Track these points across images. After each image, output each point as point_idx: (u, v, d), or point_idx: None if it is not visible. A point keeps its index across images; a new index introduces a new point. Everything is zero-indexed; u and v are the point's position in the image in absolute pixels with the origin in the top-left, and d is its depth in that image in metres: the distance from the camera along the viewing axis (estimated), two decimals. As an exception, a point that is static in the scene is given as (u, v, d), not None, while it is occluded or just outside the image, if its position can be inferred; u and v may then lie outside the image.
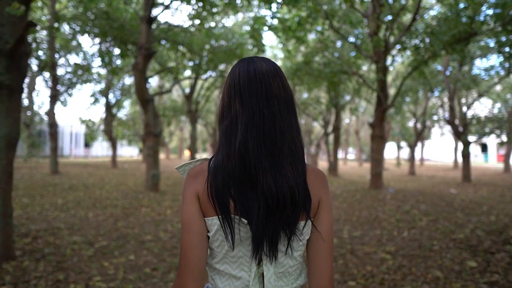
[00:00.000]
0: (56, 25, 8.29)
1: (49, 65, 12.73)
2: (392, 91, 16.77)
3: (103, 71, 17.30)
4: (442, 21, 7.25)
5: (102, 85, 17.61)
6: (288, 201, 0.76)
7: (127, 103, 23.39)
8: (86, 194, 7.73)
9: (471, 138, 15.52)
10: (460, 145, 24.48)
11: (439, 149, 37.62)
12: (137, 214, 5.74)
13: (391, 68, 14.03)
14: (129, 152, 36.15)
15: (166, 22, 9.77)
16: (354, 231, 4.58)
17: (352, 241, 4.09)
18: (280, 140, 0.79)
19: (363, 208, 6.31)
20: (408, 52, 8.56)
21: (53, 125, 13.15)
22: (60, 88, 14.03)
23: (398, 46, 8.23)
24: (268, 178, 0.76)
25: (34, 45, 12.96)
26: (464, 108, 15.14)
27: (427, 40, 7.30)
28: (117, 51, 10.23)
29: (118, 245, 3.90)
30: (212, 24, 11.65)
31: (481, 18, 6.65)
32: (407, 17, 9.77)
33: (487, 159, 33.41)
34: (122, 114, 23.49)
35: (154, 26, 9.76)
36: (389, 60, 8.91)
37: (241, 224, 0.79)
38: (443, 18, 7.31)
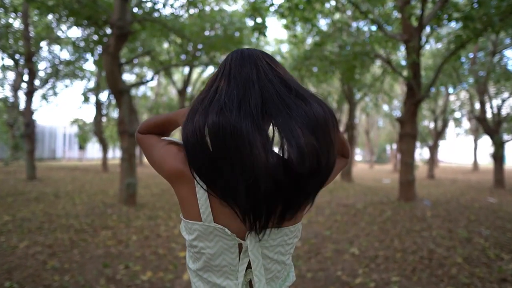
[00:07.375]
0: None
1: (24, 57, 11.24)
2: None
3: (93, 67, 15.87)
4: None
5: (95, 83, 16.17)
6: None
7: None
8: (44, 208, 6.13)
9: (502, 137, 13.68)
10: (480, 145, 22.66)
11: (454, 150, 35.60)
12: (89, 242, 4.12)
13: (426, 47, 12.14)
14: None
15: (149, 1, 8.17)
16: None
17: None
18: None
19: (403, 234, 4.54)
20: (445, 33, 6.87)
21: (29, 124, 11.62)
22: (38, 82, 12.51)
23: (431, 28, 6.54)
24: (259, 149, 0.64)
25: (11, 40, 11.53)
26: (494, 103, 13.31)
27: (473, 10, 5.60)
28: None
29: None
30: (207, 8, 10.15)
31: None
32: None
33: (504, 160, 31.30)
34: (116, 114, 22.01)
35: (138, 9, 8.23)
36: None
37: (224, 234, 0.71)
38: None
